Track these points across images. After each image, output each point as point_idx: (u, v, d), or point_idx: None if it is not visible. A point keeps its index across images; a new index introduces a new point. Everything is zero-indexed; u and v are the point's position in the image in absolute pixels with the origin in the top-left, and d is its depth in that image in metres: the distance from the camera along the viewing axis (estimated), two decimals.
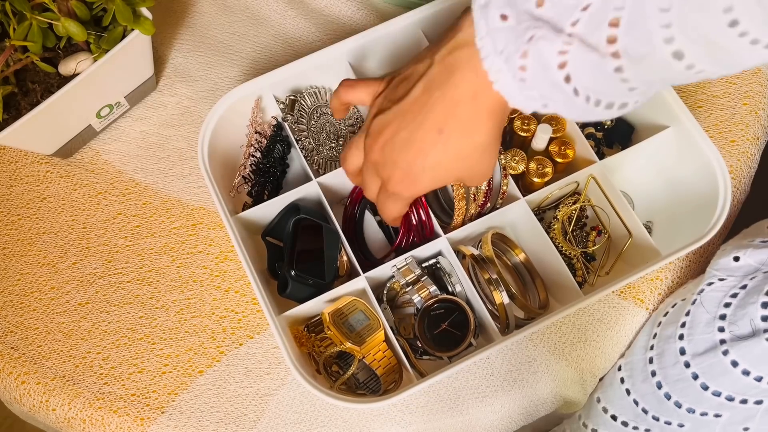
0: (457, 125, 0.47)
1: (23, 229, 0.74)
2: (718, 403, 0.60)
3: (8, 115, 0.66)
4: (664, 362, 0.64)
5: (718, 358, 0.58)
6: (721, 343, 0.58)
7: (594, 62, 0.37)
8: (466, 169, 0.50)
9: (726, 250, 0.63)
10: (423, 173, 0.50)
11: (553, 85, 0.40)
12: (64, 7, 0.63)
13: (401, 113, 0.49)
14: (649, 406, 0.66)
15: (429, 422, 0.67)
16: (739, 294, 0.59)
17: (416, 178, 0.50)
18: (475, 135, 0.47)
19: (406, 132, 0.49)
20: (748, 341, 0.56)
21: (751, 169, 0.78)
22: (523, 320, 0.66)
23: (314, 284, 0.64)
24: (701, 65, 0.35)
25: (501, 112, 0.47)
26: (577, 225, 0.71)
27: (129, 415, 0.66)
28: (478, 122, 0.47)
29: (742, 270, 0.60)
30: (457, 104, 0.46)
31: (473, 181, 0.53)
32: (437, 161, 0.49)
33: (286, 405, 0.67)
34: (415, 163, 0.49)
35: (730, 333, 0.58)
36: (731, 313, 0.59)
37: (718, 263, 0.62)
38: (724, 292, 0.60)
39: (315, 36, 0.83)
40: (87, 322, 0.70)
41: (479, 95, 0.45)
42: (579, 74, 0.38)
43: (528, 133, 0.72)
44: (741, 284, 0.59)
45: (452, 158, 0.49)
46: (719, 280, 0.61)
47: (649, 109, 0.72)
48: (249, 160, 0.71)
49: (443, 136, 0.47)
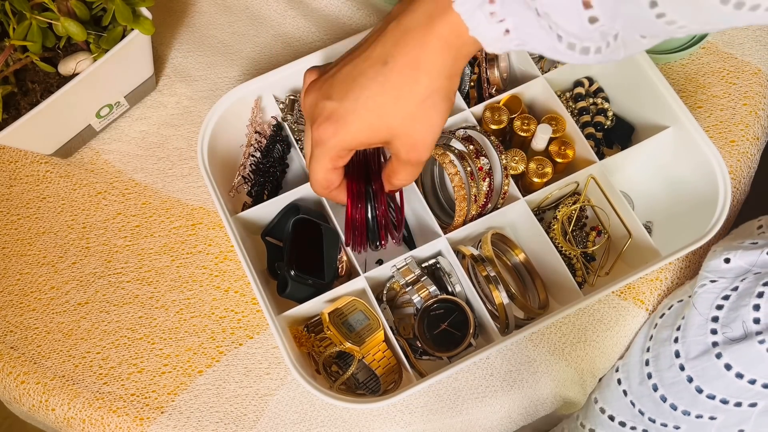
0: (403, 56, 0.42)
1: (23, 229, 0.74)
2: (713, 406, 0.60)
3: (8, 114, 0.66)
4: (660, 365, 0.64)
5: (711, 362, 0.58)
6: (714, 345, 0.58)
7: None
8: (402, 121, 0.44)
9: (717, 251, 0.62)
10: (355, 112, 0.44)
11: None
12: (63, 6, 0.63)
13: (351, 51, 0.45)
14: (646, 408, 0.66)
15: (428, 422, 0.67)
16: (731, 296, 0.59)
17: (345, 116, 0.44)
18: (420, 72, 0.42)
19: (350, 66, 0.44)
20: (740, 344, 0.56)
21: (751, 169, 0.78)
22: (522, 320, 0.66)
23: (314, 284, 0.64)
24: (665, 7, 0.33)
25: (455, 49, 0.42)
26: (577, 225, 0.71)
27: (128, 415, 0.66)
28: (426, 55, 0.42)
29: (733, 272, 0.60)
30: (408, 31, 0.42)
31: (406, 150, 0.46)
32: (373, 98, 0.43)
33: (285, 405, 0.67)
34: (348, 96, 0.43)
35: (723, 335, 0.58)
36: (723, 315, 0.58)
37: (709, 265, 0.62)
38: (716, 294, 0.60)
39: (315, 36, 0.83)
40: (86, 321, 0.70)
41: (434, 20, 0.41)
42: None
43: (528, 133, 0.72)
44: (732, 286, 0.59)
45: (390, 98, 0.43)
46: (711, 282, 0.61)
47: (649, 110, 0.72)
48: (249, 160, 0.71)
49: (386, 68, 0.43)
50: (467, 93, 0.75)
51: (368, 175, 0.56)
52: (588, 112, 0.75)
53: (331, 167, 0.48)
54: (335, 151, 0.46)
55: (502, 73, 0.74)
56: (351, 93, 0.44)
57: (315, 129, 0.45)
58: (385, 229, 0.58)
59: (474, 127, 0.70)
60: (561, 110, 0.72)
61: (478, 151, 0.67)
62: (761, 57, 0.81)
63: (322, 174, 0.48)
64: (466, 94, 0.75)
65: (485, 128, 0.72)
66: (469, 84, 0.75)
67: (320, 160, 0.47)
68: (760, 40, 0.82)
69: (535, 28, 0.38)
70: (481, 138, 0.68)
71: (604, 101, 0.76)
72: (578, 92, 0.76)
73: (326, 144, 0.45)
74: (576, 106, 0.76)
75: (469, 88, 0.75)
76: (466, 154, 0.66)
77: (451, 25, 0.40)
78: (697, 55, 0.82)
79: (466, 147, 0.67)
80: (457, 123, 0.71)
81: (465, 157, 0.66)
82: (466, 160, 0.66)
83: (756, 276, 0.58)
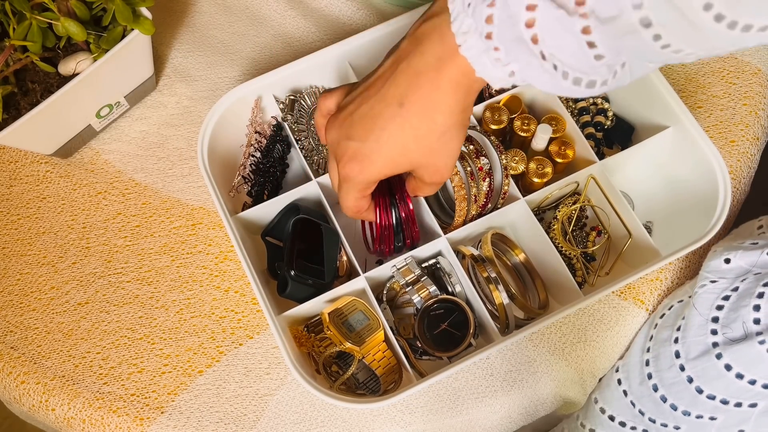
0: (418, 98, 0.44)
1: (23, 229, 0.74)
2: (713, 407, 0.60)
3: (8, 114, 0.66)
4: (660, 365, 0.64)
5: (711, 362, 0.58)
6: (714, 346, 0.58)
7: (562, 20, 0.36)
8: (423, 155, 0.47)
9: (717, 251, 0.63)
10: (378, 151, 0.47)
11: (519, 42, 0.38)
12: (63, 6, 0.63)
13: (365, 89, 0.47)
14: (646, 408, 0.66)
15: (429, 422, 0.67)
16: (731, 297, 0.59)
17: (369, 155, 0.47)
18: (436, 112, 0.45)
19: (366, 106, 0.47)
20: (740, 344, 0.56)
21: (751, 169, 0.78)
22: (522, 320, 0.66)
23: (314, 284, 0.64)
24: (669, 38, 0.34)
25: (466, 87, 0.44)
26: (577, 225, 0.71)
27: (128, 415, 0.66)
28: (439, 96, 0.44)
29: (733, 272, 0.60)
30: (419, 74, 0.44)
31: (429, 175, 0.50)
32: (394, 138, 0.46)
33: (285, 405, 0.67)
34: (369, 137, 0.46)
35: (723, 336, 0.58)
36: (724, 315, 0.59)
37: (709, 265, 0.62)
38: (716, 295, 0.60)
39: (315, 36, 0.83)
40: (87, 321, 0.70)
41: (444, 63, 0.43)
42: (546, 35, 0.37)
43: (528, 133, 0.72)
44: (733, 286, 0.59)
45: (410, 137, 0.46)
46: (711, 282, 0.61)
47: (649, 110, 0.73)
48: (249, 160, 0.71)
49: (403, 109, 0.45)
50: None
51: (389, 184, 0.61)
52: (588, 112, 0.75)
53: (360, 197, 0.52)
54: (362, 185, 0.51)
55: None
56: (372, 134, 0.46)
57: (342, 167, 0.49)
58: (409, 231, 0.64)
59: (474, 127, 0.70)
60: (561, 110, 0.72)
61: (478, 151, 0.67)
62: (761, 57, 0.81)
63: (352, 203, 0.53)
64: None
65: (485, 128, 0.72)
66: None
67: (349, 193, 0.51)
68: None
69: (539, 70, 0.39)
70: (481, 138, 0.68)
71: (604, 101, 0.76)
72: None
73: (353, 180, 0.49)
74: (576, 106, 0.76)
75: None
76: (466, 154, 0.66)
77: (460, 67, 0.42)
78: None
79: (466, 147, 0.67)
80: None
81: (465, 157, 0.66)
82: (466, 160, 0.66)
83: (756, 276, 0.58)
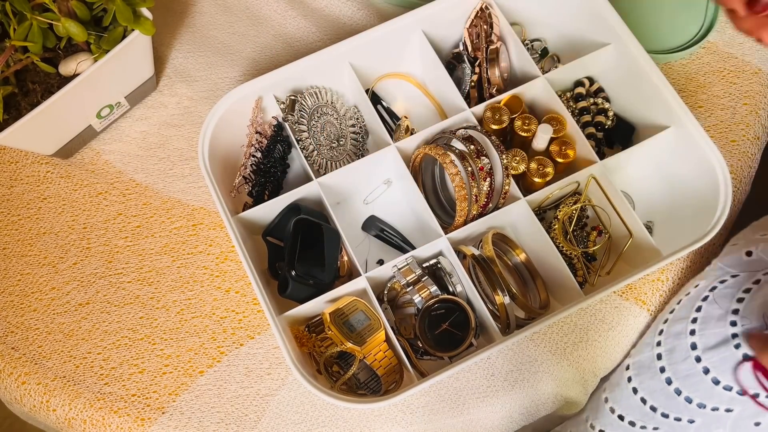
0: None
1: (23, 230, 0.74)
2: (730, 398, 0.60)
3: (8, 115, 0.66)
4: (674, 358, 0.64)
5: (730, 351, 0.59)
6: (733, 336, 0.59)
7: None
8: None
9: (738, 244, 0.63)
10: None
11: None
12: (64, 7, 0.63)
13: None
14: (658, 403, 0.66)
15: (430, 422, 0.67)
16: (753, 289, 0.59)
17: None
18: None
19: None
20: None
21: (751, 169, 0.78)
22: (523, 320, 0.66)
23: (315, 284, 0.64)
24: None
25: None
26: (578, 225, 0.71)
27: (129, 415, 0.66)
28: None
29: (754, 265, 0.61)
30: None
31: None
32: None
33: (286, 405, 0.67)
34: None
35: (742, 326, 0.58)
36: (743, 307, 0.59)
37: (728, 259, 0.63)
38: (737, 288, 0.61)
39: (315, 36, 0.83)
40: (87, 322, 0.70)
41: None
42: None
43: (528, 133, 0.72)
44: (754, 279, 0.60)
45: None
46: (732, 277, 0.61)
47: (649, 110, 0.73)
48: (249, 160, 0.71)
49: None
50: (468, 93, 0.75)
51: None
52: (589, 112, 0.75)
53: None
54: None
55: (502, 74, 0.74)
56: None
57: None
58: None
59: (475, 127, 0.70)
60: (562, 110, 0.72)
61: (479, 151, 0.67)
62: (761, 57, 0.81)
63: None
64: (466, 94, 0.75)
65: (486, 128, 0.72)
66: (469, 84, 0.75)
67: None
68: None
69: None
70: (482, 138, 0.68)
71: (604, 101, 0.76)
72: (579, 92, 0.76)
73: None
74: (577, 106, 0.76)
75: (470, 89, 0.75)
76: (467, 154, 0.66)
77: None
78: (698, 55, 0.82)
79: (467, 147, 0.67)
80: (458, 123, 0.71)
81: (466, 157, 0.66)
82: (467, 160, 0.66)
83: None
